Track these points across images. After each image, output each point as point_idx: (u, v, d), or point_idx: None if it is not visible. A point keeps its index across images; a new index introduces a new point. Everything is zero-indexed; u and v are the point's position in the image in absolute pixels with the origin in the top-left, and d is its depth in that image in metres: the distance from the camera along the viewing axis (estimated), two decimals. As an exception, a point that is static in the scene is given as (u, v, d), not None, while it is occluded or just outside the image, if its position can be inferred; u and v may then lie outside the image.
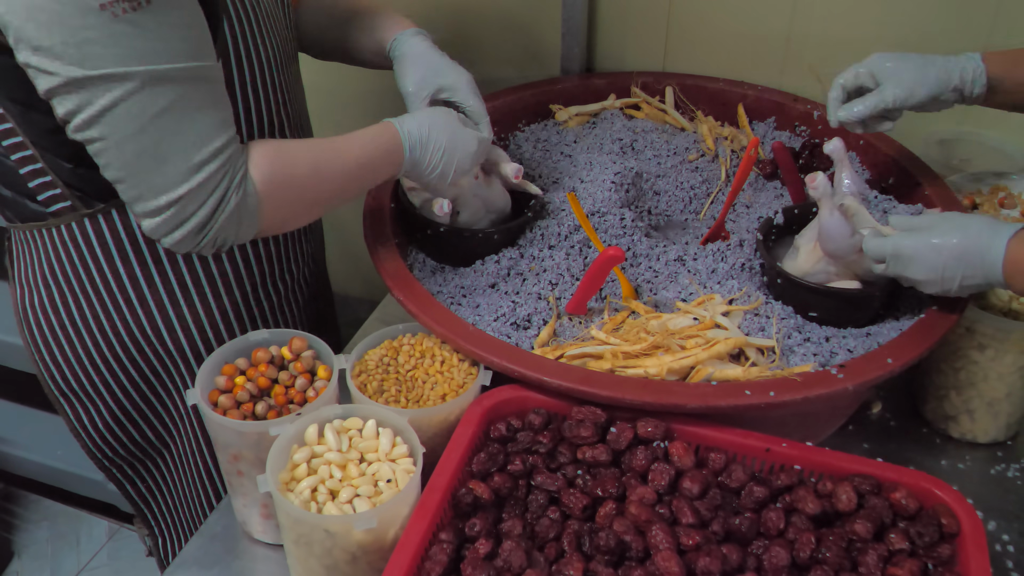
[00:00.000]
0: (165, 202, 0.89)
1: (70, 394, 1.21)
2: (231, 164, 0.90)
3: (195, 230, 0.91)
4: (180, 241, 0.91)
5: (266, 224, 0.96)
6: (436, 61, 1.17)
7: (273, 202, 0.95)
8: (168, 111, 0.86)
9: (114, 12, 0.81)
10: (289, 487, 0.90)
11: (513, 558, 0.81)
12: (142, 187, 0.88)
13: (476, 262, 1.18)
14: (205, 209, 0.90)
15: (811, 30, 1.41)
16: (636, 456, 0.91)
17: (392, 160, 1.05)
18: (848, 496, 0.86)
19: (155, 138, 0.86)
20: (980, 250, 0.92)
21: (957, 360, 1.09)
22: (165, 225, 0.90)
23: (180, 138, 0.87)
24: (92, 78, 0.82)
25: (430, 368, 1.02)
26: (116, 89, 0.83)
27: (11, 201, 1.08)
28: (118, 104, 0.84)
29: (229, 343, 1.03)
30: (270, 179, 0.93)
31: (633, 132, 1.43)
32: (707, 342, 1.00)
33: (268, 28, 1.06)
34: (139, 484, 1.33)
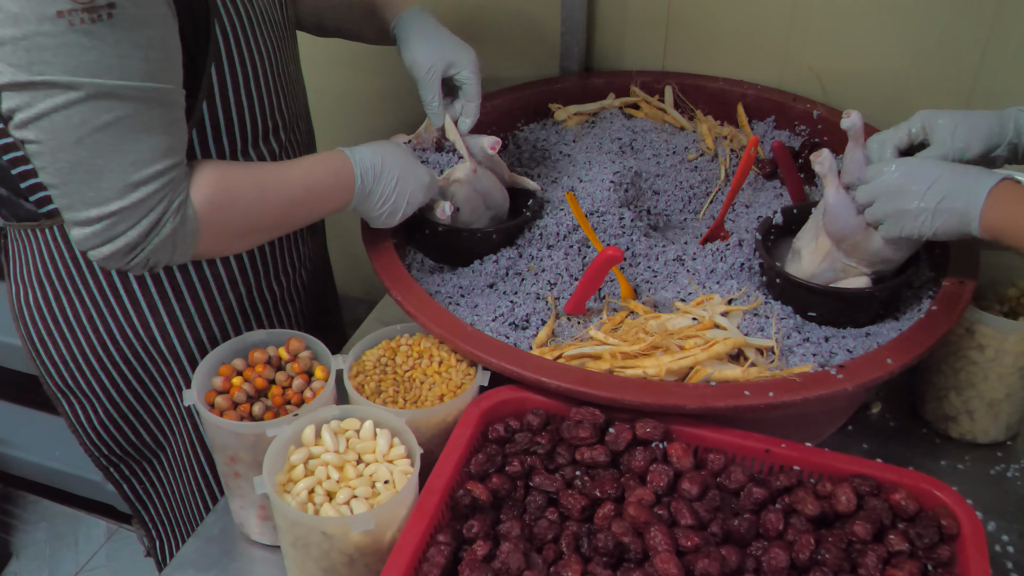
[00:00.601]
0: (95, 215, 0.87)
1: (68, 391, 1.21)
2: (171, 188, 0.89)
3: (124, 249, 0.89)
4: (108, 257, 0.90)
5: (202, 249, 0.95)
6: (444, 38, 1.17)
7: (212, 228, 0.93)
8: (110, 127, 0.84)
9: (71, 21, 0.80)
10: (286, 488, 0.89)
11: (511, 560, 0.81)
12: (73, 197, 0.87)
13: (474, 262, 1.17)
14: (137, 230, 0.88)
15: (811, 29, 1.41)
16: (635, 457, 0.91)
17: (342, 187, 1.03)
18: (847, 497, 0.86)
19: (92, 152, 0.85)
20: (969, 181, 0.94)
21: (957, 361, 1.08)
22: (94, 238, 0.89)
23: (119, 156, 0.85)
24: (35, 83, 0.81)
25: (428, 369, 1.02)
26: (59, 96, 0.82)
27: (6, 200, 1.08)
28: (58, 111, 0.83)
29: (226, 343, 1.03)
30: (211, 204, 0.92)
31: (632, 131, 1.43)
32: (706, 342, 1.00)
33: (263, 29, 1.05)
34: (135, 484, 1.33)
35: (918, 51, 1.35)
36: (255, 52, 1.04)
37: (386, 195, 1.06)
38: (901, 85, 1.39)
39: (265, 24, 1.05)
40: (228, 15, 1.00)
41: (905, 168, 0.98)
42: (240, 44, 1.02)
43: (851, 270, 1.07)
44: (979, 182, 0.93)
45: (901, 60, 1.37)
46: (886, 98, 1.40)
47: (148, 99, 0.86)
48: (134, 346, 1.15)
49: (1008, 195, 0.92)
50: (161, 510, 1.35)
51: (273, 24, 1.07)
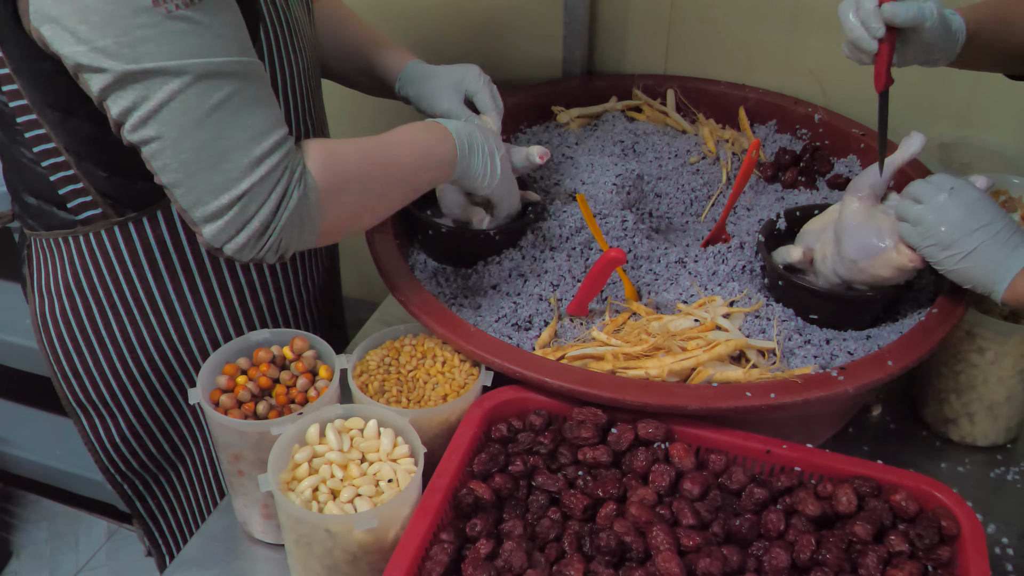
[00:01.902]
0: (227, 201, 0.86)
1: (88, 405, 1.19)
2: (290, 159, 0.89)
3: (258, 232, 0.88)
4: (243, 246, 0.89)
5: (327, 223, 0.93)
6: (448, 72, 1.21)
7: (331, 196, 0.92)
8: (225, 104, 0.85)
9: (167, 9, 0.80)
10: (290, 487, 0.90)
11: (514, 559, 0.81)
12: (201, 188, 0.86)
13: (478, 263, 1.18)
14: (267, 207, 0.88)
15: (812, 33, 1.41)
16: (637, 457, 0.92)
17: (443, 144, 1.03)
18: (848, 498, 0.86)
19: (213, 133, 0.85)
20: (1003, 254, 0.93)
21: (957, 363, 1.09)
22: (228, 228, 0.88)
23: (239, 132, 0.86)
24: (147, 71, 0.82)
25: (431, 369, 1.03)
26: (172, 83, 0.82)
27: (36, 209, 1.07)
28: (174, 98, 0.83)
29: (230, 343, 1.03)
30: (324, 171, 0.92)
31: (634, 134, 1.43)
32: (708, 344, 1.00)
33: (298, 35, 1.06)
34: (149, 500, 1.31)
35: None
36: (292, 57, 1.05)
37: (481, 146, 1.07)
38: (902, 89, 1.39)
39: (298, 30, 1.06)
40: (272, 20, 1.01)
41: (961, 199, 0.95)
42: (281, 49, 1.03)
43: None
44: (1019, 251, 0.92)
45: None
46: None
47: (249, 74, 0.87)
48: (164, 353, 1.14)
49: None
50: (175, 523, 1.33)
51: (304, 29, 1.08)
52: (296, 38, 1.06)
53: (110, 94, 0.83)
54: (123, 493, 1.29)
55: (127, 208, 1.05)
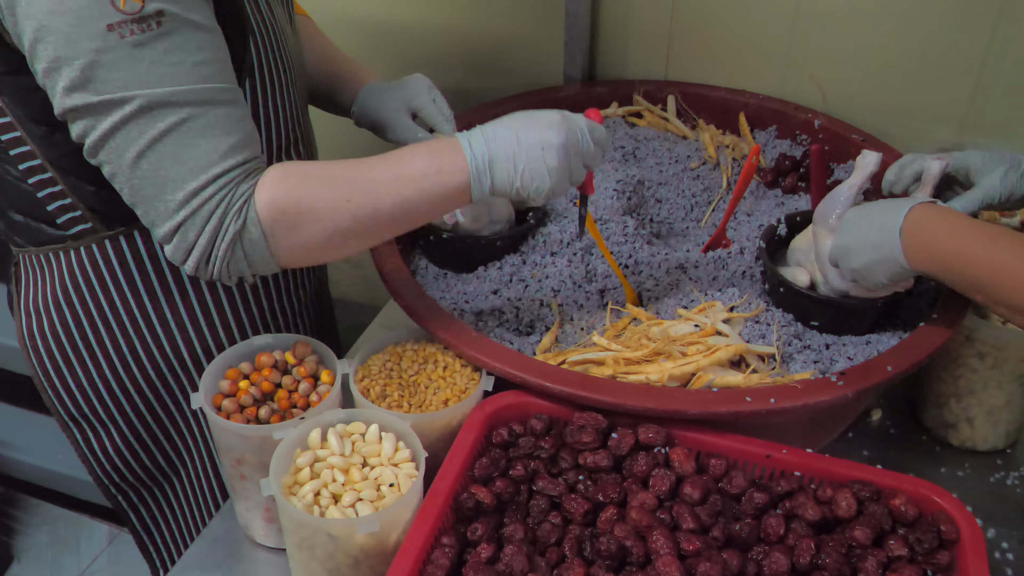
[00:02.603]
0: (169, 229, 0.88)
1: (81, 420, 1.19)
2: (230, 190, 0.87)
3: (203, 259, 0.89)
4: (195, 269, 0.89)
5: (280, 257, 0.90)
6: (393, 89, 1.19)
7: (279, 232, 0.88)
8: (167, 136, 0.84)
9: (121, 33, 0.80)
10: (292, 491, 0.90)
11: (515, 563, 0.82)
12: (151, 214, 0.88)
13: (479, 268, 1.18)
14: (204, 238, 0.87)
15: (812, 40, 1.42)
16: (637, 462, 0.92)
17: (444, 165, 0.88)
18: (848, 502, 0.87)
19: (154, 163, 0.85)
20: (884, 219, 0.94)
21: (957, 368, 1.09)
22: (176, 252, 0.89)
23: (178, 164, 0.85)
24: (93, 104, 0.82)
25: (433, 373, 1.03)
26: (115, 113, 0.82)
27: (23, 227, 1.06)
28: (118, 130, 0.83)
29: (233, 347, 1.03)
30: (271, 206, 0.87)
31: (635, 140, 1.44)
32: (708, 349, 1.00)
33: (283, 44, 1.06)
34: (143, 511, 1.30)
35: (919, 61, 1.36)
36: (279, 67, 1.05)
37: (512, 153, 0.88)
38: (902, 94, 1.40)
39: (283, 39, 1.06)
40: (260, 31, 1.00)
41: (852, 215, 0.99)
42: (270, 59, 1.03)
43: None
44: (891, 213, 0.92)
45: (902, 70, 1.38)
46: (887, 107, 1.41)
47: (204, 101, 0.85)
48: (157, 364, 1.14)
49: (921, 220, 0.91)
50: (168, 532, 1.33)
51: (288, 38, 1.08)
52: (283, 49, 1.06)
53: (68, 119, 0.84)
54: (119, 506, 1.29)
55: (116, 222, 1.05)
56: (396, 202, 0.89)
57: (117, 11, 0.79)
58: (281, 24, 1.06)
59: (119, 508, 1.29)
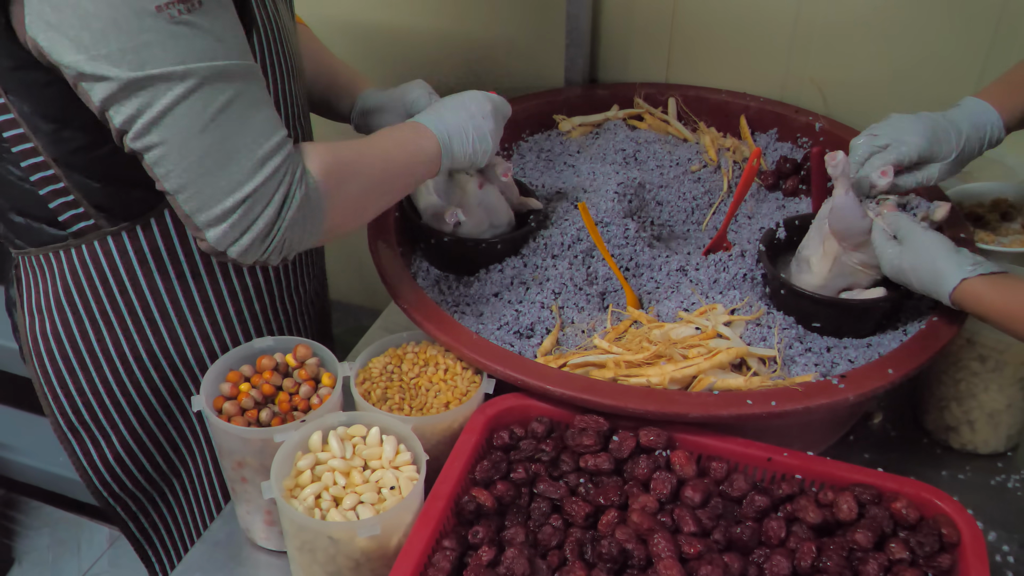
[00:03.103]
0: (231, 204, 0.87)
1: (80, 427, 1.18)
2: (291, 160, 0.89)
3: (263, 233, 0.89)
4: (247, 248, 0.89)
5: (329, 221, 0.94)
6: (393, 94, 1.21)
7: (332, 194, 0.93)
8: (229, 107, 0.85)
9: (170, 14, 0.81)
10: (293, 494, 0.90)
11: (516, 566, 0.82)
12: (206, 192, 0.87)
13: (479, 271, 1.18)
14: (271, 208, 0.88)
15: (812, 43, 1.42)
16: (638, 465, 0.92)
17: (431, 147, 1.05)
18: (849, 506, 0.87)
19: (220, 135, 0.85)
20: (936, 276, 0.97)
21: (958, 371, 1.09)
22: (232, 231, 0.88)
23: (244, 134, 0.86)
24: (152, 77, 0.82)
25: (433, 376, 1.03)
26: (177, 87, 0.83)
27: (23, 227, 1.06)
28: (180, 103, 0.83)
29: (234, 350, 1.04)
30: (325, 170, 0.92)
31: (636, 143, 1.44)
32: (709, 352, 1.01)
33: (286, 40, 1.06)
34: (142, 519, 1.29)
35: (919, 63, 1.37)
36: (282, 63, 1.06)
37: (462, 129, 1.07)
38: (902, 97, 1.40)
39: (287, 36, 1.07)
40: (264, 27, 1.01)
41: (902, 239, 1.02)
42: (273, 55, 1.03)
43: (860, 274, 1.07)
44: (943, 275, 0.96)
45: (902, 72, 1.38)
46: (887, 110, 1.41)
47: (250, 75, 0.87)
48: (159, 362, 1.13)
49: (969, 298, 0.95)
50: (167, 538, 1.32)
51: (291, 35, 1.09)
52: (285, 43, 1.06)
53: (113, 103, 0.83)
54: (116, 515, 1.28)
55: (120, 218, 1.04)
56: (401, 162, 1.03)
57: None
58: (285, 22, 1.07)
59: (116, 517, 1.28)
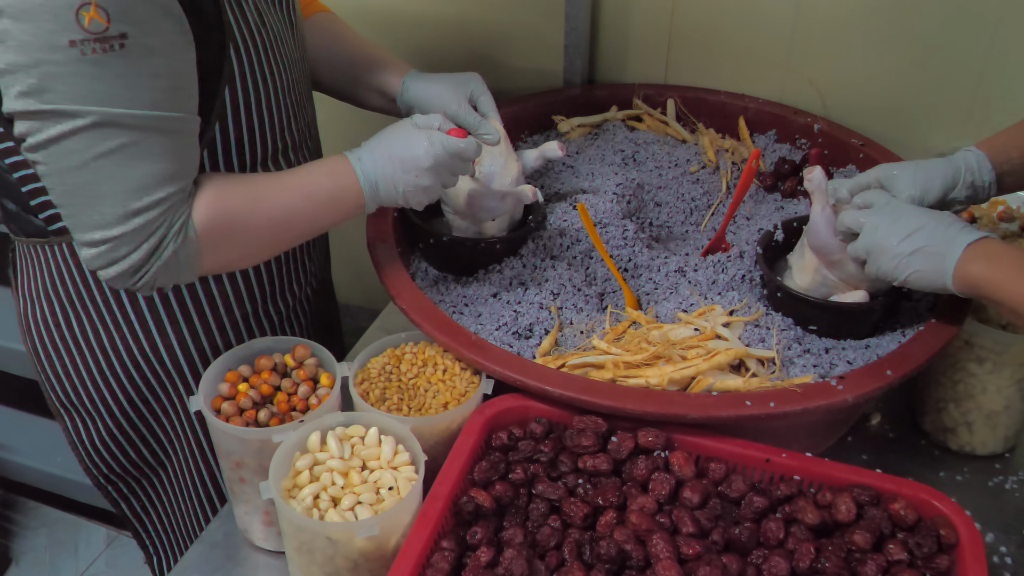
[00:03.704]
0: (99, 238, 0.88)
1: (70, 406, 1.20)
2: (171, 212, 0.90)
3: (129, 271, 0.90)
4: (114, 278, 0.91)
5: (205, 268, 0.95)
6: (451, 78, 1.22)
7: (212, 247, 0.94)
8: (112, 154, 0.85)
9: (83, 51, 0.80)
10: (291, 494, 0.90)
11: (514, 566, 0.82)
12: (78, 218, 0.88)
13: (478, 271, 1.18)
14: (139, 253, 0.89)
15: (811, 44, 1.42)
16: (637, 466, 0.92)
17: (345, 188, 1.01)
18: (847, 507, 0.87)
19: (93, 177, 0.86)
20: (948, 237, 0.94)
21: (956, 373, 1.09)
22: (99, 259, 0.90)
23: (118, 183, 0.86)
24: (44, 112, 0.83)
25: (432, 377, 1.03)
26: (65, 124, 0.83)
27: (15, 215, 1.09)
28: (63, 138, 0.84)
29: (232, 350, 1.04)
30: (209, 224, 0.92)
31: (635, 144, 1.44)
32: (708, 353, 1.01)
33: (276, 51, 1.06)
34: (134, 502, 1.32)
35: (918, 65, 1.37)
36: (267, 75, 1.05)
37: (393, 181, 1.01)
38: (901, 99, 1.40)
39: (276, 47, 1.06)
40: (243, 39, 1.00)
41: (894, 208, 0.99)
42: (253, 67, 1.03)
43: (840, 285, 1.08)
44: (959, 238, 0.93)
45: (901, 74, 1.38)
46: (886, 112, 1.41)
47: (151, 127, 0.86)
48: (140, 362, 1.15)
49: (985, 251, 0.92)
50: (160, 526, 1.34)
51: (284, 47, 1.08)
52: (274, 55, 1.06)
53: (14, 117, 0.85)
54: (108, 495, 1.31)
55: None
56: (306, 217, 1.00)
57: (81, 29, 0.80)
58: (274, 31, 1.06)
59: (109, 498, 1.31)
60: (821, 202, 1.05)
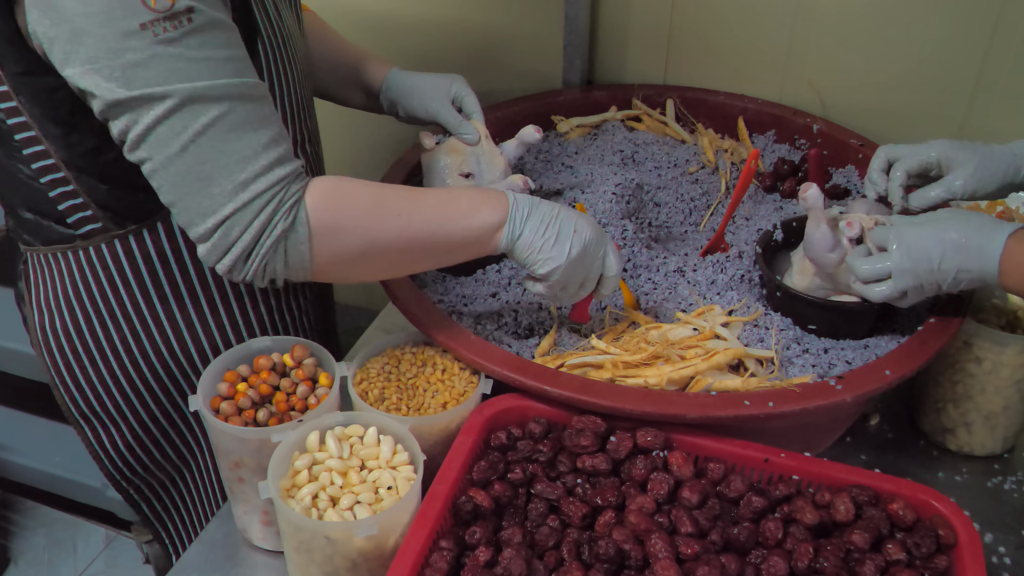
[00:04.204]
0: (212, 224, 0.87)
1: (91, 416, 1.19)
2: (281, 186, 0.88)
3: (242, 256, 0.88)
4: (230, 268, 0.89)
5: (318, 263, 0.91)
6: (434, 78, 1.23)
7: (325, 238, 0.90)
8: (209, 130, 0.85)
9: (155, 32, 0.81)
10: (290, 494, 0.90)
11: (513, 566, 0.82)
12: (191, 210, 0.87)
13: (477, 271, 1.18)
14: (250, 232, 0.87)
15: (811, 45, 1.42)
16: (635, 465, 0.92)
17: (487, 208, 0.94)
18: (846, 507, 0.87)
19: (198, 157, 0.85)
20: (980, 243, 0.93)
21: (955, 373, 1.09)
22: (215, 250, 0.88)
23: (223, 157, 0.86)
24: (134, 98, 0.83)
25: (431, 376, 1.03)
26: (157, 107, 0.83)
27: (33, 225, 1.07)
28: (160, 123, 0.84)
29: (231, 350, 1.03)
30: (323, 208, 0.89)
31: (634, 144, 1.44)
32: (706, 353, 1.01)
33: (290, 46, 1.07)
34: (156, 504, 1.31)
35: (917, 65, 1.37)
36: (286, 68, 1.06)
37: (547, 220, 0.95)
38: (900, 100, 1.40)
39: (291, 41, 1.07)
40: (268, 34, 1.01)
41: (908, 248, 0.96)
42: (277, 61, 1.04)
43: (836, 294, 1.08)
44: (988, 247, 0.92)
45: (900, 75, 1.39)
46: (885, 113, 1.41)
47: (238, 96, 0.86)
48: (167, 364, 1.14)
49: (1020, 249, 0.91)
50: (181, 525, 1.34)
51: (296, 40, 1.09)
52: (289, 50, 1.07)
53: (107, 116, 0.85)
54: (130, 499, 1.30)
55: (127, 220, 1.05)
56: (434, 230, 0.94)
57: (149, 10, 0.80)
58: (289, 27, 1.07)
59: (131, 501, 1.30)
60: (816, 220, 1.05)
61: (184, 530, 1.34)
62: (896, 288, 0.97)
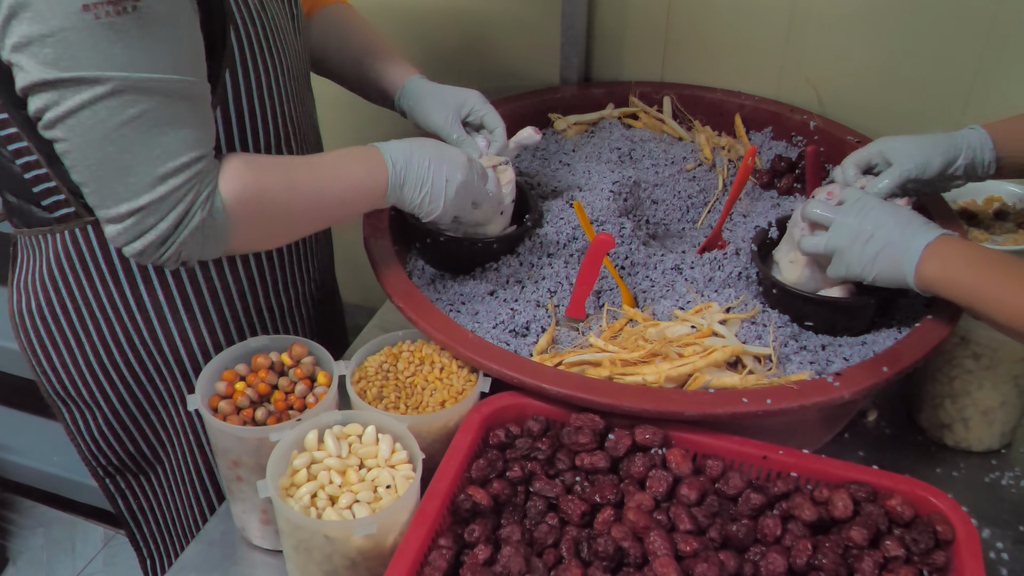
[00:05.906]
0: (126, 210, 0.87)
1: (67, 399, 1.21)
2: (198, 180, 0.89)
3: (156, 243, 0.89)
4: (141, 252, 0.90)
5: (234, 244, 0.94)
6: (448, 91, 1.22)
7: (242, 221, 0.93)
8: (136, 121, 0.84)
9: (97, 14, 0.80)
10: (289, 493, 0.90)
11: (512, 564, 0.82)
12: (104, 194, 0.87)
13: (475, 270, 1.18)
14: (166, 222, 0.88)
15: (808, 41, 1.42)
16: (634, 463, 0.92)
17: (374, 174, 1.02)
18: (844, 503, 0.87)
19: (119, 146, 0.85)
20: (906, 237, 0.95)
21: (952, 369, 1.10)
22: (125, 234, 0.89)
23: (145, 149, 0.86)
24: (63, 80, 0.81)
25: (429, 375, 1.03)
26: (85, 92, 0.82)
27: (17, 207, 1.08)
28: (85, 108, 0.83)
29: (229, 349, 1.03)
30: (239, 197, 0.92)
31: (631, 141, 1.44)
32: (704, 350, 1.01)
33: (276, 37, 1.06)
34: (130, 498, 1.31)
35: (914, 62, 1.37)
36: (268, 60, 1.05)
37: (421, 179, 1.03)
38: (897, 97, 1.41)
39: (277, 33, 1.06)
40: (244, 23, 1.00)
41: (861, 206, 0.99)
42: (254, 52, 1.03)
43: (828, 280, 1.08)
44: (916, 238, 0.95)
45: (897, 71, 1.39)
46: (882, 110, 1.42)
47: (173, 92, 0.86)
48: (139, 354, 1.15)
49: (943, 251, 0.94)
50: (155, 527, 1.34)
51: (284, 34, 1.09)
52: (274, 42, 1.06)
53: (29, 92, 0.84)
54: (106, 490, 1.30)
55: None
56: (334, 198, 1.00)
57: None
58: (275, 20, 1.06)
59: (107, 492, 1.31)
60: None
61: (157, 528, 1.34)
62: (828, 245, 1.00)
